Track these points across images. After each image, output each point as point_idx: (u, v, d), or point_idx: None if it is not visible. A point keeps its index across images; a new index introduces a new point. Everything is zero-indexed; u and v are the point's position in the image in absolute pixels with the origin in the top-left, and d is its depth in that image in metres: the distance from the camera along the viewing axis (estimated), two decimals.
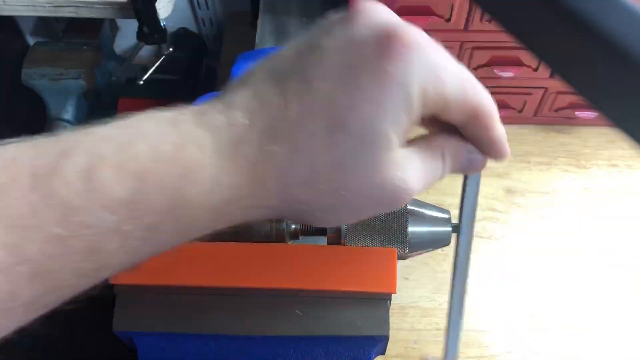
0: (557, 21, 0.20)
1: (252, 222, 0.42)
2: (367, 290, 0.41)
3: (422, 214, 0.43)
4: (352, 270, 0.41)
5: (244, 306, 0.42)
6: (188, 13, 0.96)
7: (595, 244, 0.76)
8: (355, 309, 0.41)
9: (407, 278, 0.73)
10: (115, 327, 0.41)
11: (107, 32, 0.89)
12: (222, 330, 0.41)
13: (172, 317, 0.41)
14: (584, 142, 0.86)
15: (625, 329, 0.70)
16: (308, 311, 0.41)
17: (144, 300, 0.42)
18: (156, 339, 0.42)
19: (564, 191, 0.81)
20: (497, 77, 0.78)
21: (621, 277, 0.73)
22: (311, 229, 0.44)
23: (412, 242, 0.42)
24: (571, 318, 0.71)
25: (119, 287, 0.42)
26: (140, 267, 0.42)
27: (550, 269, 0.73)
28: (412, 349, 0.69)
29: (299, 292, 0.41)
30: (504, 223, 0.78)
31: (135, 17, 0.70)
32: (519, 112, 0.86)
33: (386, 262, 0.41)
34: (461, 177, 0.37)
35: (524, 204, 0.80)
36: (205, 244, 0.42)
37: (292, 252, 0.42)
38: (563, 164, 0.84)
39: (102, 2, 0.70)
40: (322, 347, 0.42)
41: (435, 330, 0.70)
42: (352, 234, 0.42)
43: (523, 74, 0.78)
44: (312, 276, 0.41)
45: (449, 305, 0.37)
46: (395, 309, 0.72)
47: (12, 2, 0.70)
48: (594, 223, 0.78)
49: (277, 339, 0.41)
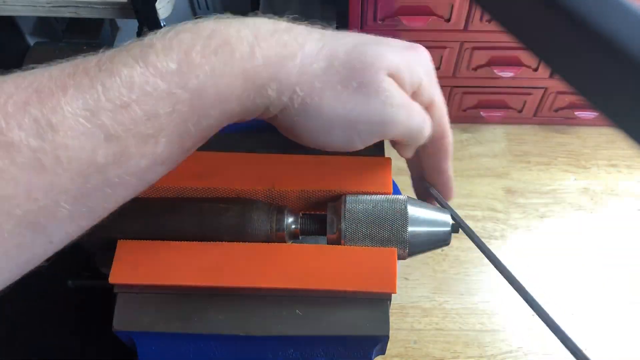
0: (557, 21, 0.20)
1: None
2: (367, 290, 0.41)
3: (422, 214, 0.43)
4: (352, 270, 0.41)
5: (244, 306, 0.42)
6: (188, 13, 0.96)
7: (595, 243, 0.76)
8: (355, 309, 0.41)
9: (407, 278, 0.73)
10: (115, 327, 0.41)
11: (107, 32, 0.89)
12: (222, 330, 0.41)
13: (172, 317, 0.41)
14: (584, 142, 0.86)
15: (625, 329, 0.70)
16: (308, 311, 0.41)
17: (144, 300, 0.42)
18: (156, 339, 0.42)
19: (564, 191, 0.81)
20: (497, 77, 0.78)
21: (621, 277, 0.73)
22: (311, 228, 0.44)
23: (412, 242, 0.42)
24: (571, 318, 0.71)
25: (119, 287, 0.42)
26: (140, 267, 0.42)
27: (550, 269, 0.73)
28: (412, 349, 0.69)
29: (299, 292, 0.41)
30: (504, 223, 0.78)
31: (135, 17, 0.70)
32: (519, 112, 0.86)
33: (386, 262, 0.41)
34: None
35: (524, 204, 0.80)
36: (205, 244, 0.42)
37: (292, 252, 0.42)
38: (563, 164, 0.84)
39: (102, 2, 0.70)
40: (322, 347, 0.42)
41: (435, 330, 0.70)
42: (352, 234, 0.42)
43: (523, 74, 0.78)
44: (312, 276, 0.41)
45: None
46: (395, 309, 0.72)
47: (12, 2, 0.70)
48: (593, 223, 0.78)
49: (277, 339, 0.41)
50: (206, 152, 0.46)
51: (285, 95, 0.34)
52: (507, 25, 0.23)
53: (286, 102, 0.35)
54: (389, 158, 0.46)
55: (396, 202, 0.43)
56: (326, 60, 0.35)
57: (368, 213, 0.42)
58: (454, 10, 0.71)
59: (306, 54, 0.34)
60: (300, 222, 0.44)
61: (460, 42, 0.76)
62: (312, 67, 0.34)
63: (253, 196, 0.45)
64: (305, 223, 0.44)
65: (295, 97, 0.34)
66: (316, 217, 0.45)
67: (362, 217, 0.42)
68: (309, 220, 0.44)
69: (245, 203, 0.44)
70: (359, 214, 0.42)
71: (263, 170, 0.45)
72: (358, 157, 0.46)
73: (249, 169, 0.45)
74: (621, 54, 0.18)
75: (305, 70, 0.34)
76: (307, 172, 0.45)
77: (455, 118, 0.87)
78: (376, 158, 0.46)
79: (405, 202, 0.42)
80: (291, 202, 0.45)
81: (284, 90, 0.34)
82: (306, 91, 0.34)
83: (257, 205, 0.43)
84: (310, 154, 0.46)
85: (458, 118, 0.87)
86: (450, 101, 0.85)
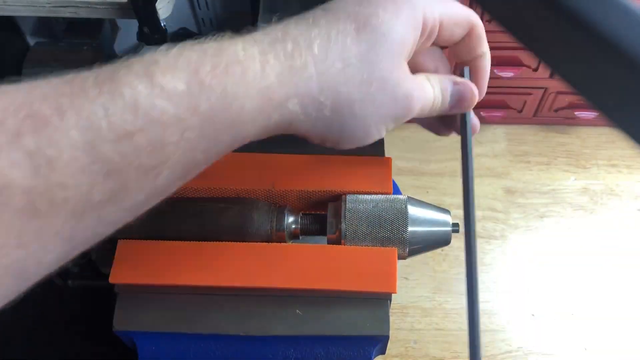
0: (557, 21, 0.20)
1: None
2: (367, 290, 0.41)
3: (422, 213, 0.43)
4: (352, 270, 0.41)
5: (244, 306, 0.42)
6: (188, 13, 0.96)
7: (594, 243, 0.76)
8: (355, 309, 0.41)
9: (407, 278, 0.73)
10: (115, 327, 0.41)
11: (107, 32, 0.89)
12: (222, 330, 0.41)
13: (172, 317, 0.41)
14: (584, 142, 0.86)
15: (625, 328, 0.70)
16: (308, 311, 0.41)
17: (144, 300, 0.42)
18: (156, 339, 0.42)
19: (564, 191, 0.81)
20: (497, 77, 0.78)
21: (621, 276, 0.73)
22: (311, 228, 0.44)
23: (412, 242, 0.42)
24: (571, 317, 0.71)
25: (119, 287, 0.42)
26: (140, 267, 0.42)
27: (549, 269, 0.73)
28: (412, 349, 0.69)
29: (299, 292, 0.41)
30: (503, 223, 0.78)
31: (135, 17, 0.70)
32: (519, 112, 0.86)
33: (386, 262, 0.41)
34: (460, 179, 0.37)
35: (524, 204, 0.80)
36: (205, 244, 0.42)
37: (292, 252, 0.42)
38: (563, 164, 0.84)
39: (102, 2, 0.70)
40: (322, 347, 0.42)
41: (435, 330, 0.70)
42: (352, 233, 0.42)
43: (523, 74, 0.78)
44: (312, 276, 0.41)
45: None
46: (395, 309, 0.72)
47: (12, 2, 0.70)
48: (593, 223, 0.78)
49: (277, 339, 0.41)
50: None
51: (310, 107, 0.32)
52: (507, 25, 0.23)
53: (314, 114, 0.32)
54: (389, 158, 0.46)
55: (396, 202, 0.43)
56: (340, 59, 0.32)
57: (368, 213, 0.42)
58: None
59: (317, 58, 0.31)
60: (301, 222, 0.44)
61: None
62: (329, 72, 0.32)
63: (253, 196, 0.45)
64: (305, 223, 0.44)
65: (322, 107, 0.32)
66: (316, 217, 0.45)
67: (362, 217, 0.42)
68: (309, 220, 0.44)
69: (245, 203, 0.44)
70: (359, 213, 0.42)
71: (263, 170, 0.45)
72: (358, 157, 0.46)
73: (249, 169, 0.45)
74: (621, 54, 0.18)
75: (324, 78, 0.32)
76: (307, 172, 0.45)
77: None
78: (376, 158, 0.46)
79: (405, 202, 0.42)
80: (291, 202, 0.45)
81: (308, 103, 0.32)
82: (332, 98, 0.32)
83: (257, 205, 0.43)
84: (310, 153, 0.46)
85: None
86: None
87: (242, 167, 0.45)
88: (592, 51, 0.19)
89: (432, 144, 0.84)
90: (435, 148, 0.83)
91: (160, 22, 0.71)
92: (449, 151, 0.82)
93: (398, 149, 0.84)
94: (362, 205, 0.42)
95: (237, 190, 0.45)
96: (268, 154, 0.46)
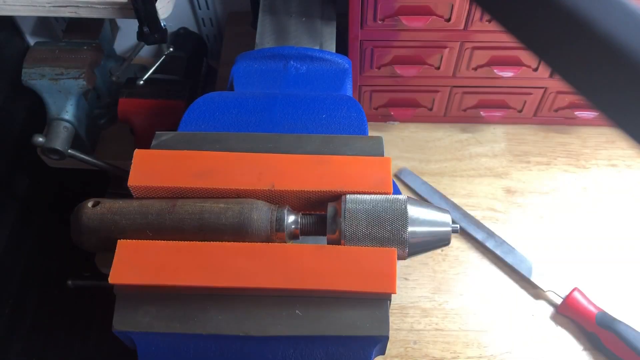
0: (557, 21, 0.20)
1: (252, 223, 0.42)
2: (367, 290, 0.41)
3: (422, 214, 0.43)
4: (352, 271, 0.41)
5: (244, 306, 0.42)
6: (188, 13, 0.96)
7: (594, 243, 0.76)
8: (355, 309, 0.41)
9: (407, 278, 0.73)
10: (115, 327, 0.41)
11: (107, 32, 0.89)
12: (222, 330, 0.41)
13: (172, 317, 0.41)
14: (584, 142, 0.86)
15: None
16: (308, 311, 0.41)
17: (144, 300, 0.42)
18: (156, 339, 0.42)
19: (564, 191, 0.81)
20: (497, 77, 0.78)
21: (621, 276, 0.73)
22: (311, 229, 0.44)
23: (411, 242, 0.42)
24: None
25: (119, 287, 0.42)
26: (140, 267, 0.42)
27: (549, 269, 0.73)
28: (412, 349, 0.69)
29: (299, 292, 0.41)
30: (503, 223, 0.78)
31: (135, 17, 0.70)
32: (518, 112, 0.86)
33: (386, 263, 0.41)
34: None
35: (523, 204, 0.80)
36: (205, 244, 0.42)
37: (292, 252, 0.42)
38: (563, 164, 0.84)
39: (102, 2, 0.70)
40: (322, 347, 0.42)
41: (435, 331, 0.70)
42: (352, 234, 0.42)
43: (523, 74, 0.78)
44: (312, 276, 0.41)
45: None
46: (395, 309, 0.72)
47: (12, 2, 0.70)
48: (593, 223, 0.78)
49: (277, 339, 0.41)
50: (206, 152, 0.46)
51: None
52: (507, 25, 0.23)
53: None
54: (389, 158, 0.46)
55: (396, 202, 0.43)
56: None
57: (368, 213, 0.42)
58: (454, 10, 0.71)
59: None
60: (300, 222, 0.44)
61: (460, 42, 0.76)
62: None
63: (253, 196, 0.45)
64: (305, 223, 0.44)
65: None
66: (316, 217, 0.45)
67: (362, 217, 0.42)
68: (309, 220, 0.44)
69: (245, 203, 0.44)
70: (358, 214, 0.42)
71: (263, 170, 0.45)
72: (358, 157, 0.46)
73: (249, 169, 0.45)
74: (621, 54, 0.18)
75: None
76: (307, 172, 0.45)
77: (455, 118, 0.87)
78: (376, 158, 0.46)
79: (405, 202, 0.42)
80: (291, 202, 0.45)
81: None
82: None
83: (257, 205, 0.43)
84: (310, 154, 0.46)
85: (458, 118, 0.87)
86: (450, 101, 0.85)
87: (242, 167, 0.45)
88: (592, 51, 0.19)
89: (432, 144, 0.84)
90: (435, 148, 0.83)
91: (160, 21, 0.71)
92: (449, 151, 0.82)
93: (398, 149, 0.84)
94: (362, 205, 0.42)
95: (237, 190, 0.45)
96: (268, 154, 0.46)
